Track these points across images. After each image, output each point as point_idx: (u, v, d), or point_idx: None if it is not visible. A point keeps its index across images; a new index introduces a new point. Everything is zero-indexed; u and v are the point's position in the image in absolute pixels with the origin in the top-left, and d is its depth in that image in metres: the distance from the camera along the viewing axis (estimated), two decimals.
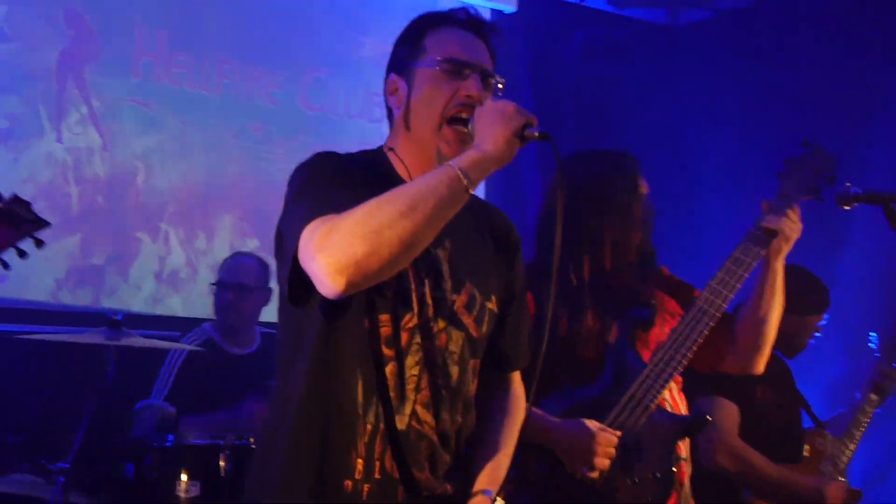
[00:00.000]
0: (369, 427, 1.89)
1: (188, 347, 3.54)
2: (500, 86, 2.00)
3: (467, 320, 1.96)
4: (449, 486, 1.98)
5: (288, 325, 1.99)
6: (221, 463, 2.99)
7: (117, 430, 3.77)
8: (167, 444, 3.08)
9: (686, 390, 2.86)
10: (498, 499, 2.06)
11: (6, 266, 2.42)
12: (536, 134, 1.74)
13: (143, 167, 4.76)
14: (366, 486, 1.89)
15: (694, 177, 5.12)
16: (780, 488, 3.31)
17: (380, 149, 1.98)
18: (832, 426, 3.55)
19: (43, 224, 2.45)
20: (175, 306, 4.63)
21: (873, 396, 3.52)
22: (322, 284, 1.68)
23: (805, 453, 3.45)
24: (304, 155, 1.93)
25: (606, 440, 2.36)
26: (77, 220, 4.63)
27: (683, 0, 5.60)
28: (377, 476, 1.90)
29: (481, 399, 2.10)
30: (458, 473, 2.03)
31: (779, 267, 2.59)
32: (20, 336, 3.75)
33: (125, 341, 3.28)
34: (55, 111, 4.64)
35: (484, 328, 1.99)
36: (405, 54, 1.97)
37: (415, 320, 1.90)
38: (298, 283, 1.74)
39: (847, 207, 2.42)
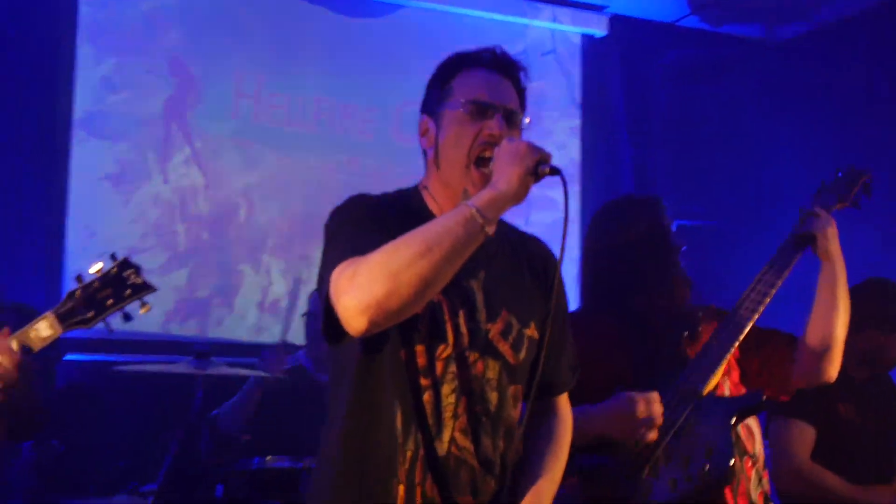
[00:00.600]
0: (409, 454, 1.92)
1: (267, 374, 3.56)
2: (526, 121, 2.04)
3: (504, 348, 1.99)
4: None
5: (334, 359, 2.05)
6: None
7: (204, 454, 3.82)
8: (252, 467, 3.16)
9: (761, 415, 2.81)
10: None
11: (111, 330, 2.44)
12: (548, 170, 1.77)
13: (245, 203, 4.93)
14: None
15: (779, 191, 4.92)
16: None
17: (416, 187, 2.01)
18: None
19: (150, 289, 2.48)
20: (277, 334, 4.63)
21: None
22: (347, 325, 1.74)
23: None
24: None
25: (648, 399, 2.32)
26: (184, 256, 4.84)
27: (781, 13, 5.39)
28: (418, 502, 1.92)
29: (529, 426, 2.11)
30: (506, 499, 2.04)
31: (833, 269, 2.57)
32: (117, 367, 3.88)
33: (210, 370, 3.41)
34: (161, 154, 4.84)
35: (522, 354, 2.01)
36: (435, 96, 2.02)
37: (449, 350, 1.94)
38: (331, 323, 1.80)
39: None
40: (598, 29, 5.43)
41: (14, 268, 4.61)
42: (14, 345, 2.41)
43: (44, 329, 2.40)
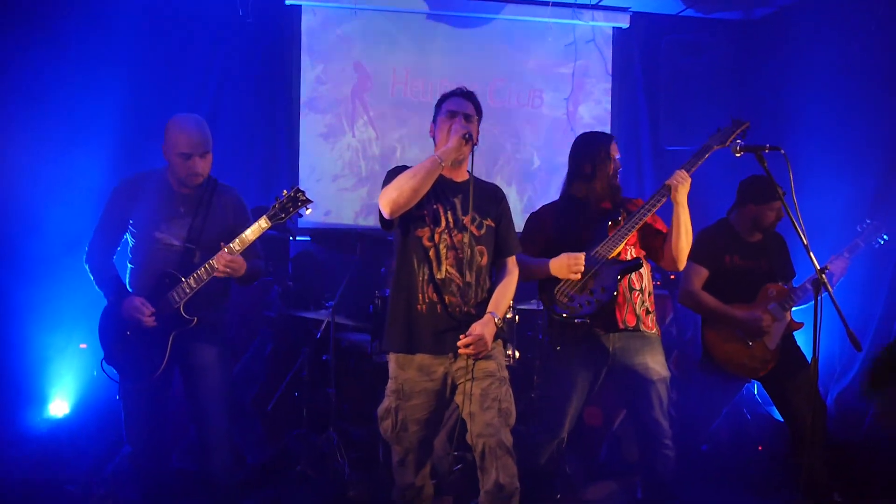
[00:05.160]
0: (421, 278, 2.90)
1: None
2: (475, 118, 3.00)
3: (472, 227, 2.93)
4: (473, 310, 2.91)
5: (393, 238, 3.02)
6: None
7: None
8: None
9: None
10: (498, 317, 2.91)
11: (294, 223, 3.15)
12: (468, 138, 2.85)
13: (399, 146, 5.83)
14: (423, 307, 2.90)
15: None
16: (723, 317, 3.81)
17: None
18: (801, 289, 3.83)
19: (309, 201, 3.15)
20: None
21: (808, 286, 3.83)
22: (382, 212, 2.82)
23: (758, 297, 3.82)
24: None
25: (577, 256, 3.20)
26: (365, 179, 5.76)
27: (756, 1, 5.70)
28: (427, 300, 2.90)
29: (495, 273, 3.02)
30: (481, 305, 2.94)
31: (678, 210, 3.19)
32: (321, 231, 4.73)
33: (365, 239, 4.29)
34: (350, 120, 5.75)
35: (483, 231, 2.95)
36: (435, 112, 3.07)
37: (441, 228, 2.90)
38: (381, 218, 2.87)
39: (738, 155, 3.03)
40: (623, 23, 6.00)
41: (269, 189, 5.53)
42: (236, 246, 3.14)
43: (263, 222, 3.15)
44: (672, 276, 5.13)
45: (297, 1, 5.60)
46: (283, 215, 3.09)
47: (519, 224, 5.62)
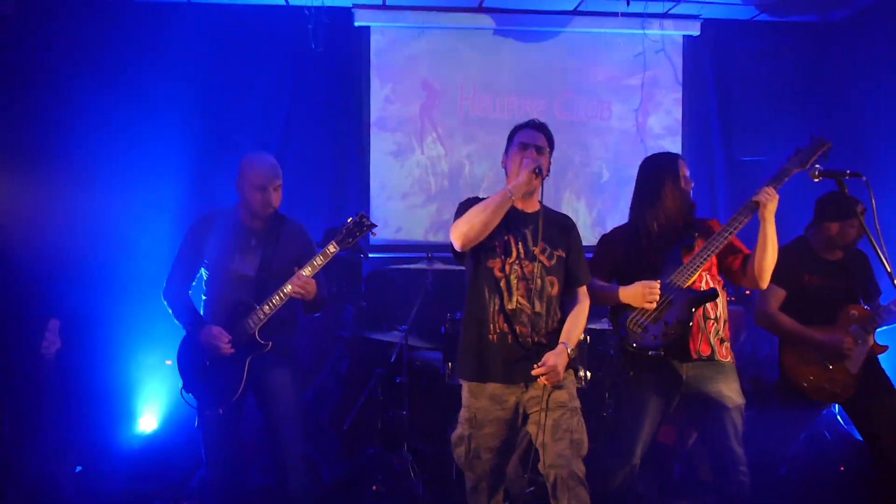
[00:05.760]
0: (492, 308, 2.94)
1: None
2: (546, 150, 3.03)
3: (542, 258, 2.97)
4: (544, 340, 2.93)
5: (466, 270, 3.07)
6: None
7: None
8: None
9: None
10: (570, 347, 2.92)
11: (364, 253, 3.36)
12: (538, 172, 2.88)
13: (468, 163, 5.88)
14: (495, 337, 2.94)
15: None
16: (802, 339, 3.72)
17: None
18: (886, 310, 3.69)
19: (374, 225, 3.32)
20: None
21: (892, 308, 3.70)
22: (455, 245, 2.89)
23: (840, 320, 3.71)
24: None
25: (653, 285, 3.14)
26: (435, 195, 5.84)
27: (832, 3, 5.50)
28: (498, 331, 2.94)
29: (566, 302, 3.03)
30: (552, 335, 2.96)
31: (765, 227, 3.14)
32: (398, 262, 4.67)
33: (437, 266, 4.33)
34: (419, 137, 5.82)
35: (553, 262, 2.97)
36: (508, 144, 3.11)
37: (513, 259, 2.95)
38: (453, 250, 2.95)
39: (817, 180, 3.02)
40: (694, 31, 5.88)
41: (341, 208, 5.69)
42: (307, 272, 3.28)
43: (331, 247, 3.30)
44: (747, 292, 5.01)
45: (365, 22, 5.71)
46: (350, 240, 3.28)
47: (588, 237, 5.76)
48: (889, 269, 2.77)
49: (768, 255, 3.14)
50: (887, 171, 4.87)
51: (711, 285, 3.25)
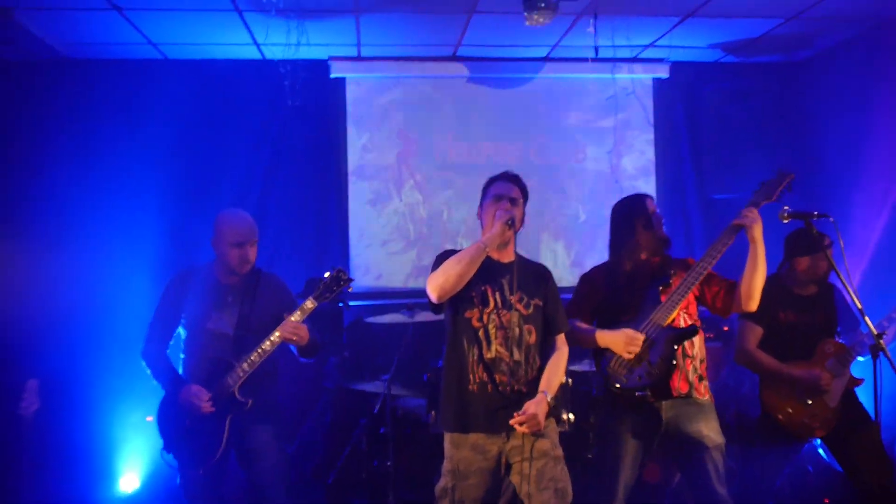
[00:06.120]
0: (472, 358, 2.95)
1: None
2: (520, 201, 3.07)
3: (519, 307, 2.99)
4: (524, 388, 2.95)
5: (445, 321, 3.08)
6: None
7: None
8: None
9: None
10: (550, 396, 2.93)
11: (346, 305, 3.40)
12: (511, 223, 2.93)
13: (446, 209, 5.92)
14: (475, 387, 2.95)
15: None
16: (780, 376, 3.75)
17: None
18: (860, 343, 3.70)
19: (350, 280, 3.34)
20: None
21: (865, 340, 3.67)
22: (430, 297, 2.91)
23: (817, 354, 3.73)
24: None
25: (634, 334, 3.17)
26: (413, 242, 5.87)
27: (790, 46, 5.64)
28: (478, 380, 2.95)
29: (546, 349, 3.05)
30: (532, 383, 2.98)
31: (755, 248, 3.15)
32: (378, 310, 4.70)
33: (418, 318, 4.36)
34: (397, 185, 5.87)
35: (530, 311, 2.99)
36: (482, 197, 3.15)
37: (490, 308, 2.97)
38: (430, 302, 2.96)
39: (785, 222, 3.08)
40: (663, 73, 5.97)
41: (321, 256, 5.70)
42: (297, 318, 3.29)
43: (309, 304, 3.31)
44: (725, 328, 5.06)
45: (341, 74, 5.79)
46: (327, 294, 3.28)
47: (567, 278, 5.81)
48: (859, 304, 2.83)
49: (758, 275, 3.15)
50: (850, 205, 5.02)
51: (690, 322, 3.28)
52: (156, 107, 5.26)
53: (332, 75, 5.74)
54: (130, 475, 4.72)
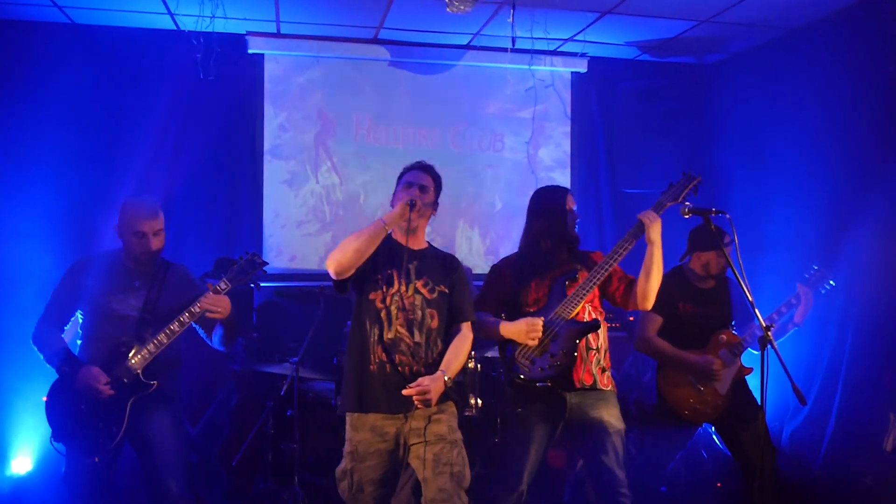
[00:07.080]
0: (372, 339, 2.98)
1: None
2: (431, 189, 3.10)
3: (423, 291, 3.04)
4: (423, 369, 2.97)
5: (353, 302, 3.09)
6: None
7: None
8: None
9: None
10: (448, 376, 2.97)
11: (257, 286, 3.25)
12: (411, 204, 2.94)
13: (363, 192, 5.90)
14: (374, 367, 2.98)
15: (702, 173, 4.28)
16: (676, 361, 3.92)
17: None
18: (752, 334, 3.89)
19: (265, 263, 3.32)
20: None
21: (756, 332, 3.80)
22: (330, 273, 2.90)
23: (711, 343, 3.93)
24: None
25: (535, 322, 3.19)
26: (329, 224, 5.83)
27: (702, 48, 5.86)
28: (377, 360, 2.98)
29: (450, 336, 3.09)
30: (432, 366, 3.01)
31: (652, 249, 3.22)
32: (290, 290, 4.80)
33: (329, 301, 4.33)
34: (314, 166, 5.81)
35: (434, 295, 3.04)
36: (396, 185, 3.17)
37: (394, 290, 3.00)
38: (335, 281, 2.95)
39: (686, 217, 3.17)
40: (581, 68, 6.10)
41: (232, 237, 5.65)
42: (221, 285, 3.26)
43: (222, 285, 3.28)
44: (631, 318, 5.23)
45: (259, 50, 5.68)
46: (241, 277, 3.25)
47: (481, 265, 5.89)
48: (750, 298, 2.97)
49: (653, 277, 3.22)
50: (750, 202, 5.23)
51: (594, 316, 3.35)
52: (59, 75, 5.00)
53: (250, 51, 5.64)
54: (23, 457, 4.51)
